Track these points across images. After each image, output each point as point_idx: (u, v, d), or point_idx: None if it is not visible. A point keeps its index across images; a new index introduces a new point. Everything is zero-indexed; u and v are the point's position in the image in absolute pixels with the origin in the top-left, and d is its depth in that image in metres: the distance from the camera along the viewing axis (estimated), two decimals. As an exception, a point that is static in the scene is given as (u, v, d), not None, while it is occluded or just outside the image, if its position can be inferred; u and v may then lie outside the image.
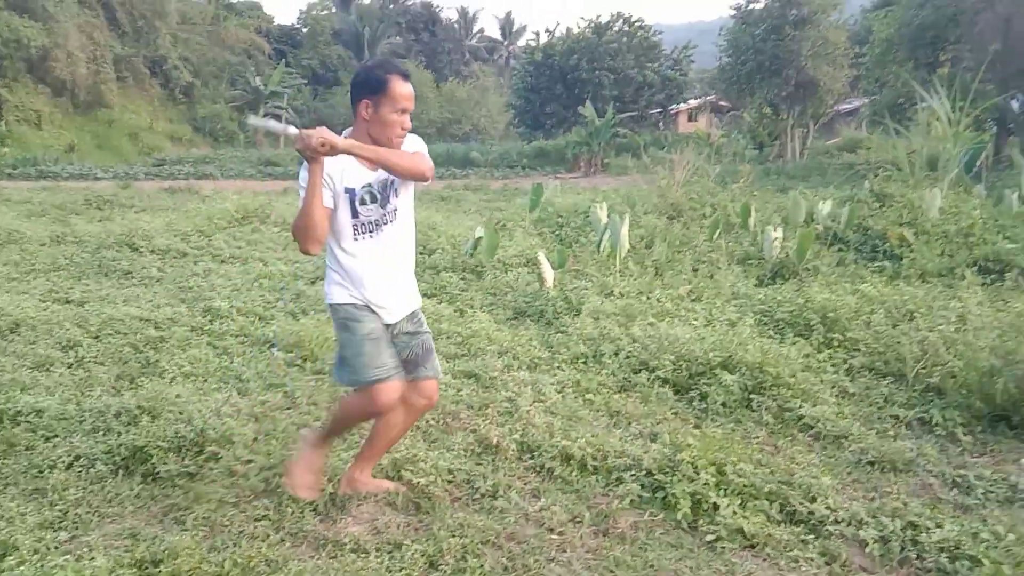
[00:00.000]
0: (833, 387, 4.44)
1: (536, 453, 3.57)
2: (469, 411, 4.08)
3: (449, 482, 3.34)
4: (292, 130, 2.72)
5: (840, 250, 7.94)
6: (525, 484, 3.36)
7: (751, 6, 25.44)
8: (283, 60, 42.63)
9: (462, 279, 6.95)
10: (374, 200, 2.84)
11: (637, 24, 31.74)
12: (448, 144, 29.58)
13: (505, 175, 23.53)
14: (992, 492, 3.37)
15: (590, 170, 23.76)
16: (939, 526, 2.96)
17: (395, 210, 2.90)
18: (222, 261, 8.23)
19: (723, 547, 2.87)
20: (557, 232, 8.83)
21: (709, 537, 2.94)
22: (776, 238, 7.37)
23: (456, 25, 57.71)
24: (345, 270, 2.88)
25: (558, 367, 4.74)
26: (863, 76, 25.67)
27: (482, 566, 2.73)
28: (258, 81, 39.30)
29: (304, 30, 49.91)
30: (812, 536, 2.97)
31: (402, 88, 2.78)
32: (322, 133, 2.61)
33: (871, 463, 3.61)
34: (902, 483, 3.44)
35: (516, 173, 23.87)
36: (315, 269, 7.44)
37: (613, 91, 29.18)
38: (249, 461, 3.31)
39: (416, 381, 3.05)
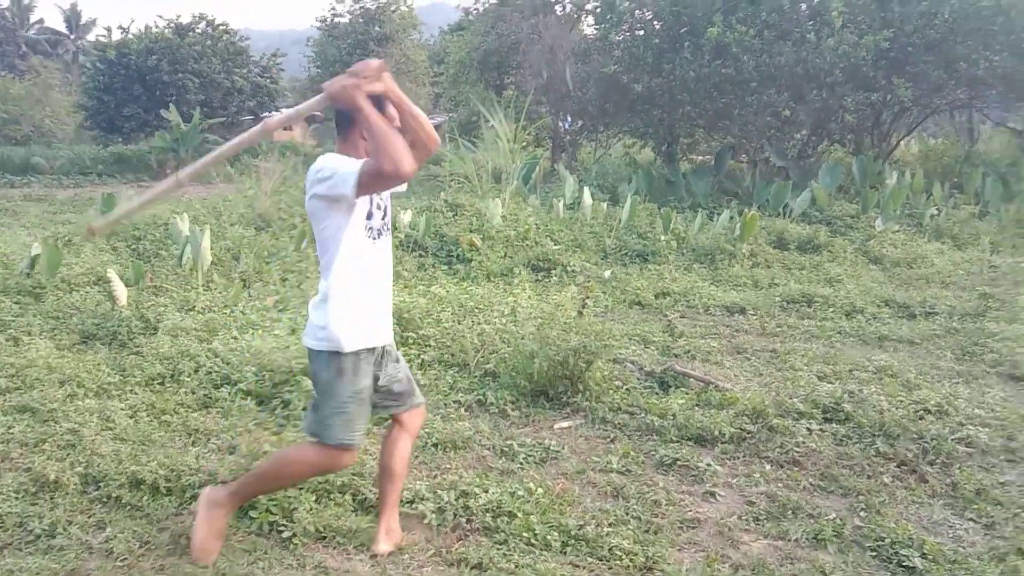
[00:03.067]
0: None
1: (102, 484, 3.37)
2: (22, 449, 3.70)
3: (-1, 528, 3.02)
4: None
5: (420, 255, 8.61)
6: (89, 517, 3.17)
7: (336, 20, 26.12)
8: None
9: (16, 303, 6.16)
10: (379, 208, 2.82)
11: (222, 28, 30.67)
12: (2, 148, 25.60)
13: (77, 183, 21.01)
14: (531, 456, 3.99)
15: (178, 179, 22.36)
16: (486, 491, 3.44)
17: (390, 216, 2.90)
18: None
19: (296, 543, 3.01)
20: (134, 246, 8.24)
21: (286, 535, 3.07)
22: (360, 246, 7.73)
23: (8, 13, 50.08)
24: (353, 292, 2.71)
25: (131, 391, 4.49)
26: (442, 94, 27.84)
27: (33, 612, 2.53)
28: None
29: None
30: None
31: (392, 111, 2.79)
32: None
33: (435, 445, 4.04)
34: (460, 459, 3.91)
35: (91, 181, 21.44)
36: None
37: (199, 95, 27.75)
38: None
39: (412, 409, 3.07)
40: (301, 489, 3.32)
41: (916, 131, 17.32)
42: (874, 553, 3.13)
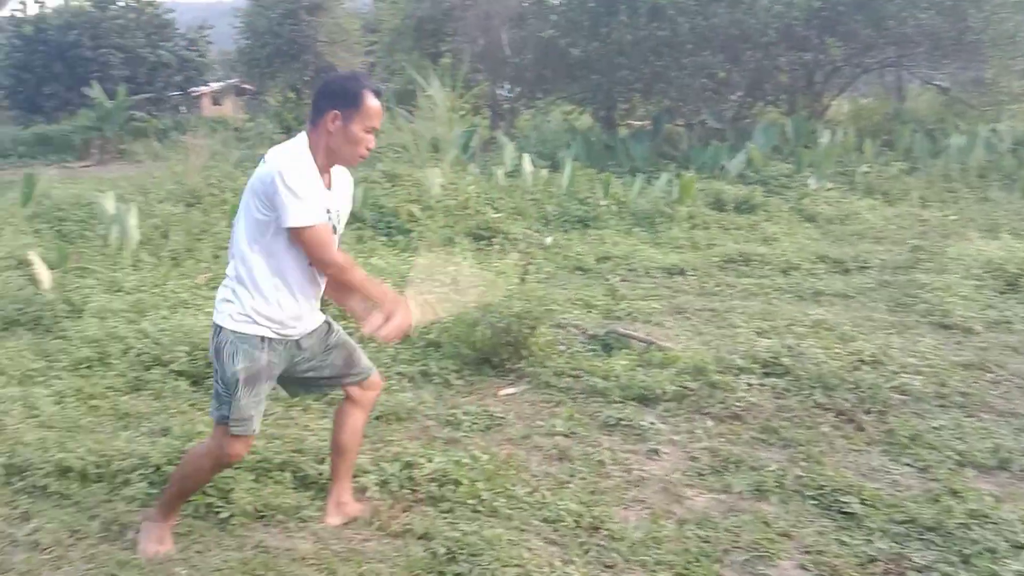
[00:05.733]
0: (347, 355, 4.75)
1: (27, 473, 3.23)
2: (-60, 441, 3.51)
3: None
4: None
5: (359, 228, 8.44)
6: (13, 509, 3.03)
7: (265, -11, 25.34)
8: None
9: (-69, 290, 5.86)
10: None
11: (145, 0, 29.55)
12: (-87, 131, 24.39)
13: (-4, 166, 20.17)
14: (476, 423, 3.95)
15: (103, 158, 21.57)
16: (430, 460, 3.39)
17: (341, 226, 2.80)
18: None
19: (234, 523, 2.93)
20: (57, 227, 7.91)
21: (223, 515, 2.98)
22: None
23: (-89, -14, 47.46)
24: (260, 287, 2.58)
25: (56, 376, 4.31)
26: (376, 63, 27.30)
27: (-47, 610, 2.41)
28: None
29: None
30: (322, 495, 3.18)
31: (374, 104, 2.57)
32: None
33: (378, 417, 3.96)
34: (404, 430, 3.85)
35: (11, 163, 20.51)
36: None
37: (124, 71, 26.71)
38: None
39: (362, 381, 2.97)
40: (238, 468, 3.22)
41: (847, 90, 17.64)
42: (815, 502, 3.18)
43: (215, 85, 34.86)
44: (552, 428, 3.86)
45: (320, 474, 3.27)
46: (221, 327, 2.61)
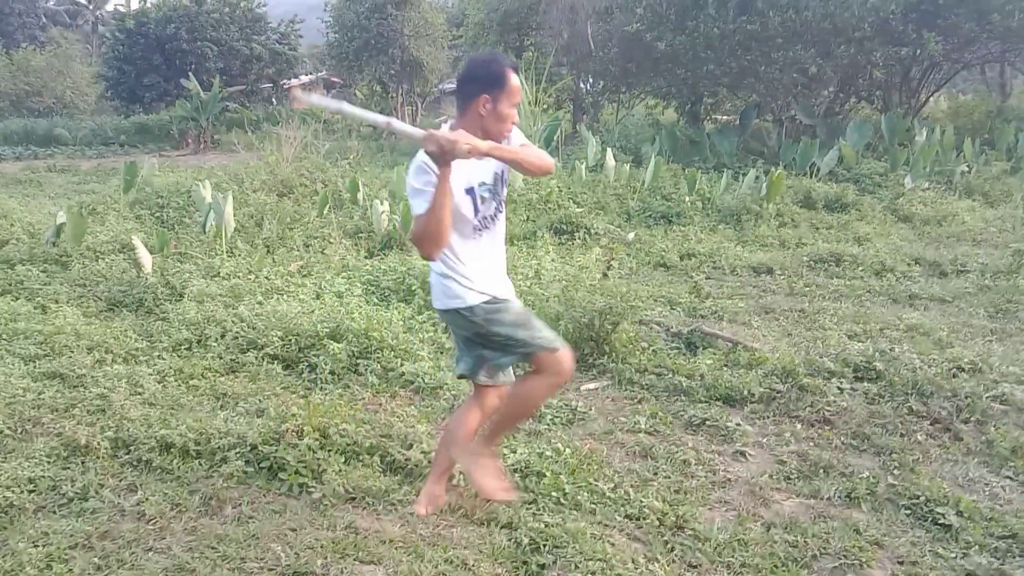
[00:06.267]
0: (432, 344, 4.84)
1: (132, 448, 3.40)
2: (53, 414, 3.73)
3: (31, 491, 3.05)
4: (371, 116, 2.58)
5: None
6: (120, 481, 3.20)
7: (354, -16, 25.77)
8: None
9: (43, 271, 6.21)
10: (491, 195, 2.80)
11: (239, -6, 30.51)
12: (26, 120, 25.74)
13: (100, 154, 21.08)
14: (558, 417, 3.97)
15: (199, 147, 22.41)
16: (514, 451, 3.43)
17: (503, 201, 2.88)
18: None
19: (326, 504, 3.02)
20: (157, 214, 8.27)
21: (315, 496, 3.08)
22: (383, 211, 7.71)
23: (27, -16, 50.11)
24: (469, 271, 2.76)
25: (159, 356, 4.51)
26: (461, 57, 27.55)
27: (70, 570, 2.56)
28: None
29: None
30: (409, 480, 3.26)
31: (515, 81, 2.71)
32: (467, 138, 2.43)
33: (462, 408, 4.02)
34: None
35: (113, 152, 21.51)
36: None
37: (218, 64, 27.66)
38: None
39: (497, 387, 3.03)
40: (329, 451, 3.32)
41: (946, 87, 16.91)
42: (908, 511, 3.08)
43: (305, 78, 35.73)
44: (635, 425, 3.84)
45: (408, 459, 3.34)
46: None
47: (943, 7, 12.46)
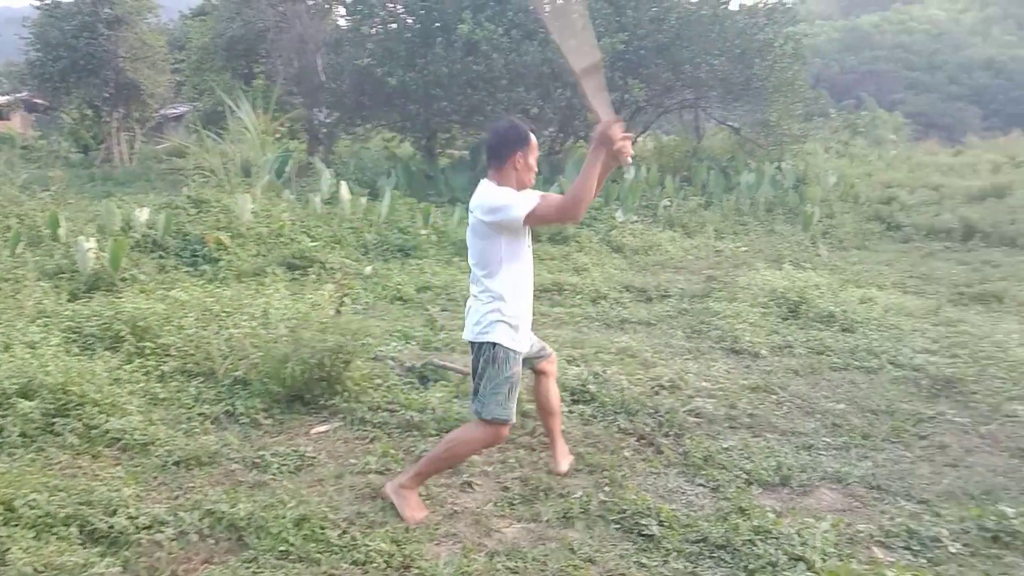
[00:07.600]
0: (144, 396, 4.44)
1: None
2: None
3: None
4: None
5: (160, 257, 7.93)
6: None
7: (59, -1, 23.37)
8: None
9: None
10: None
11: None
12: None
13: None
14: (285, 465, 3.82)
15: None
16: (234, 507, 3.23)
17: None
18: None
19: (6, 591, 2.65)
20: None
21: (-7, 584, 2.69)
22: (90, 248, 6.99)
23: None
24: (510, 295, 3.27)
25: None
26: (184, 82, 25.98)
27: None
28: None
29: None
30: (113, 550, 2.95)
31: (535, 140, 3.34)
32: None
33: (177, 463, 3.74)
34: (206, 476, 3.65)
35: None
36: None
37: None
38: None
39: (547, 358, 3.68)
40: (15, 526, 2.92)
41: (651, 129, 18.82)
42: (618, 525, 3.33)
43: (2, 99, 31.75)
44: (366, 466, 3.80)
45: (112, 527, 3.02)
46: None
47: (644, 57, 13.89)
